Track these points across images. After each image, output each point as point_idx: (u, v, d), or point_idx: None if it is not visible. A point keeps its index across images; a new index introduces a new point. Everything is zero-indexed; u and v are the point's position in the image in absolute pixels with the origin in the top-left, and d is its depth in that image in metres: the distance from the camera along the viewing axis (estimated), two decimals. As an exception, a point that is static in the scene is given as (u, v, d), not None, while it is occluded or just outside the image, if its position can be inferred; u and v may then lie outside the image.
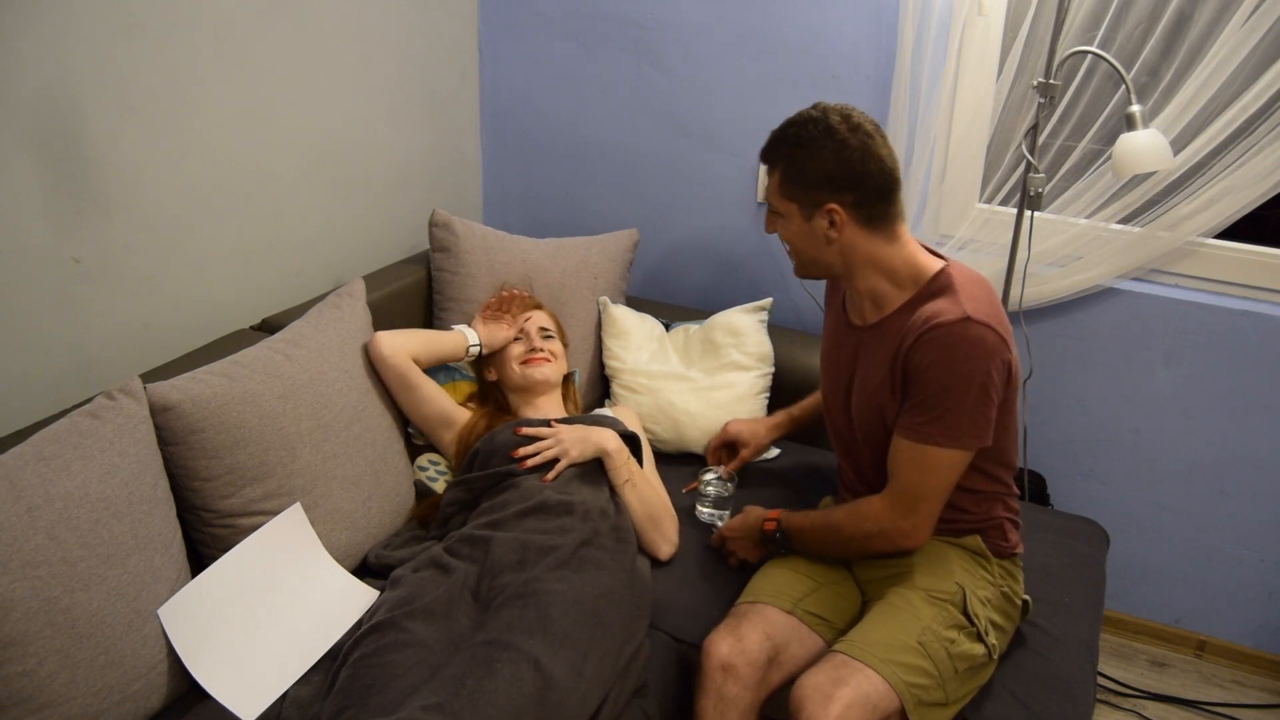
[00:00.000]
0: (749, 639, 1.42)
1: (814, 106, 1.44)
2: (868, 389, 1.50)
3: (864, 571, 1.59)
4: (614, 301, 2.24)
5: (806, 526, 1.57)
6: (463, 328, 1.88)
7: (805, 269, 1.53)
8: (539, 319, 1.91)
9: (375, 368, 1.73)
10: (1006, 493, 1.57)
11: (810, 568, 1.57)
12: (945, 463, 1.40)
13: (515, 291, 2.00)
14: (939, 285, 1.42)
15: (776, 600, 1.50)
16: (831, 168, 1.39)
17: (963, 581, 1.48)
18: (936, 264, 1.46)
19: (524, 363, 1.82)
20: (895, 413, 1.44)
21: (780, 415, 1.94)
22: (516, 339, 1.86)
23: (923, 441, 1.39)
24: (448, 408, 1.78)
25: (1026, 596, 1.57)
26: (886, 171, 1.40)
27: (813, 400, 1.91)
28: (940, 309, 1.37)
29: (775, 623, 1.46)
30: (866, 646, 1.35)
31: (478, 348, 1.86)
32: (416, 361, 1.76)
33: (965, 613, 1.45)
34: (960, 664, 1.40)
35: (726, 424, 1.95)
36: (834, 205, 1.40)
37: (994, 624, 1.49)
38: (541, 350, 1.83)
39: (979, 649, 1.44)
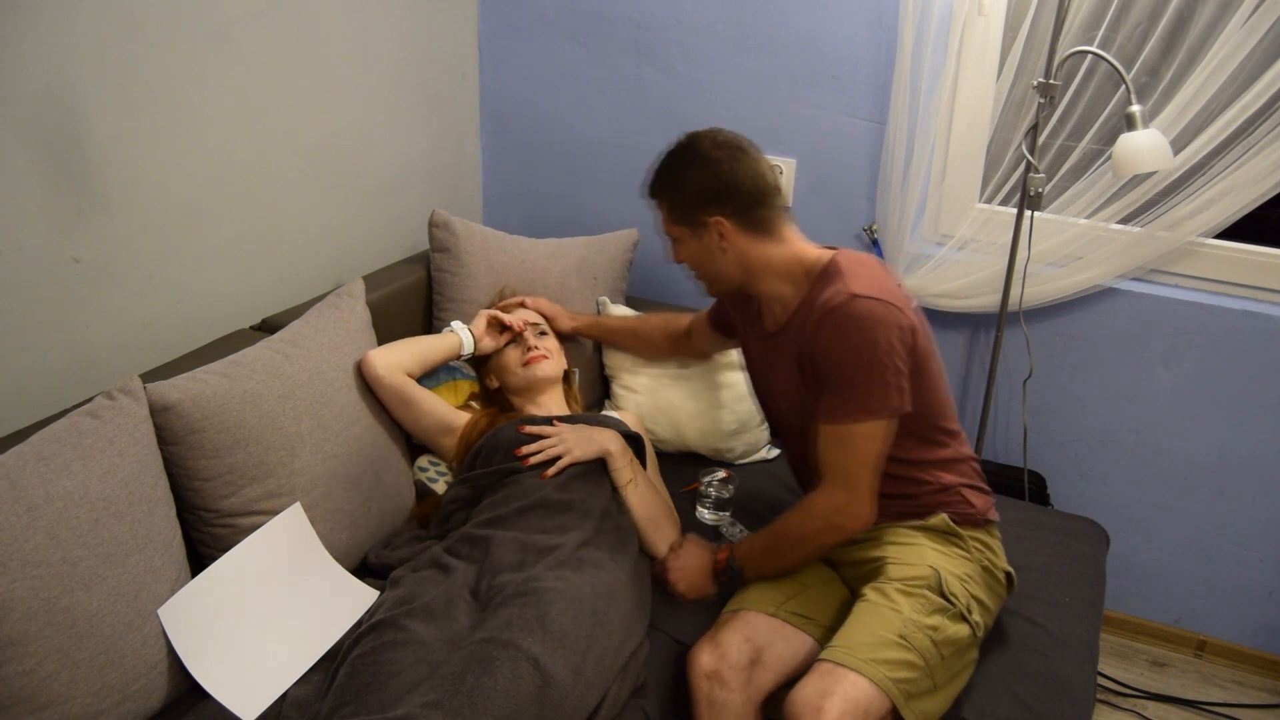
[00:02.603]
0: (727, 644, 1.44)
1: (684, 135, 1.56)
2: (789, 390, 1.56)
3: (845, 569, 1.59)
4: (614, 301, 2.24)
5: (758, 547, 1.57)
6: (460, 327, 1.86)
7: (713, 286, 1.62)
8: (526, 315, 1.91)
9: (370, 388, 1.71)
10: (956, 458, 1.57)
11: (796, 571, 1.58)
12: (867, 435, 1.43)
13: (510, 301, 2.00)
14: (827, 274, 1.49)
15: (759, 606, 1.51)
16: (706, 185, 1.50)
17: (936, 564, 1.47)
18: (825, 255, 1.52)
19: (524, 364, 1.82)
20: (814, 406, 1.48)
21: (590, 317, 2.05)
22: (512, 343, 1.85)
23: (840, 421, 1.43)
24: (446, 416, 1.77)
25: (1009, 568, 1.56)
26: (758, 179, 1.50)
27: (625, 324, 2.03)
28: (830, 294, 1.44)
29: (755, 626, 1.47)
30: (849, 650, 1.36)
31: (471, 353, 1.85)
32: (410, 374, 1.74)
33: (943, 595, 1.44)
34: (946, 649, 1.40)
35: (537, 300, 1.99)
36: (716, 218, 1.50)
37: (978, 600, 1.48)
38: (538, 348, 1.83)
39: (963, 629, 1.43)
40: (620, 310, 2.18)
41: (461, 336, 1.84)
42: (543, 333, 1.89)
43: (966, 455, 1.60)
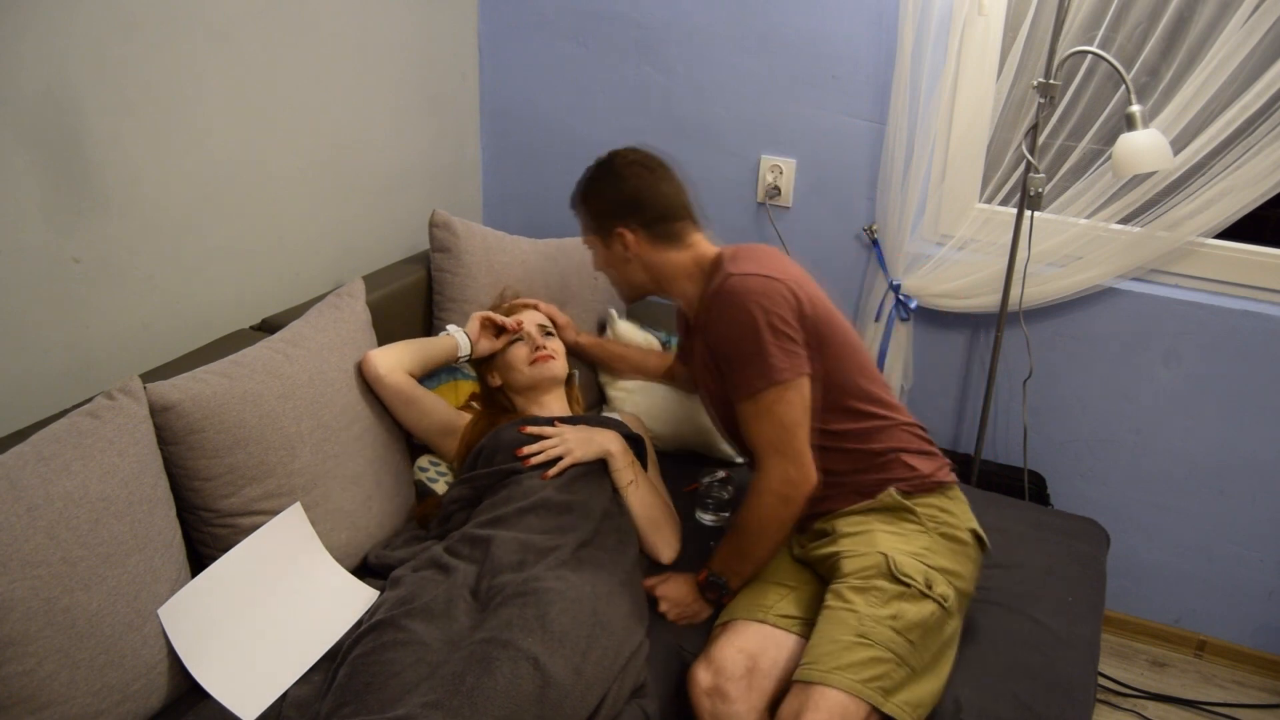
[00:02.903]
0: (721, 657, 1.44)
1: (605, 154, 1.70)
2: (712, 385, 1.62)
3: (815, 568, 1.59)
4: (614, 304, 2.24)
5: (729, 551, 1.57)
6: (455, 330, 1.86)
7: (625, 291, 1.74)
8: (536, 317, 1.91)
9: (371, 387, 1.71)
10: (889, 424, 1.57)
11: (780, 574, 1.59)
12: (781, 402, 1.46)
13: (518, 301, 2.00)
14: (715, 265, 1.60)
15: (747, 614, 1.51)
16: (613, 199, 1.64)
17: (886, 547, 1.47)
18: (713, 251, 1.64)
19: (532, 362, 1.82)
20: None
21: (596, 338, 2.08)
22: (518, 340, 1.85)
23: (751, 396, 1.48)
24: (448, 416, 1.77)
25: (974, 527, 1.55)
26: (665, 199, 1.64)
27: (626, 352, 2.05)
28: (713, 282, 1.55)
29: (746, 634, 1.48)
30: (815, 663, 1.36)
31: (467, 356, 1.86)
32: (411, 374, 1.75)
33: (897, 578, 1.43)
34: (914, 634, 1.39)
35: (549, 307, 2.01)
36: (621, 229, 1.63)
37: (941, 570, 1.46)
38: (545, 347, 1.84)
39: (927, 607, 1.42)
40: (626, 326, 2.18)
41: (458, 339, 1.84)
42: (549, 334, 1.89)
43: (900, 421, 1.60)
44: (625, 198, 1.63)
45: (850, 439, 1.55)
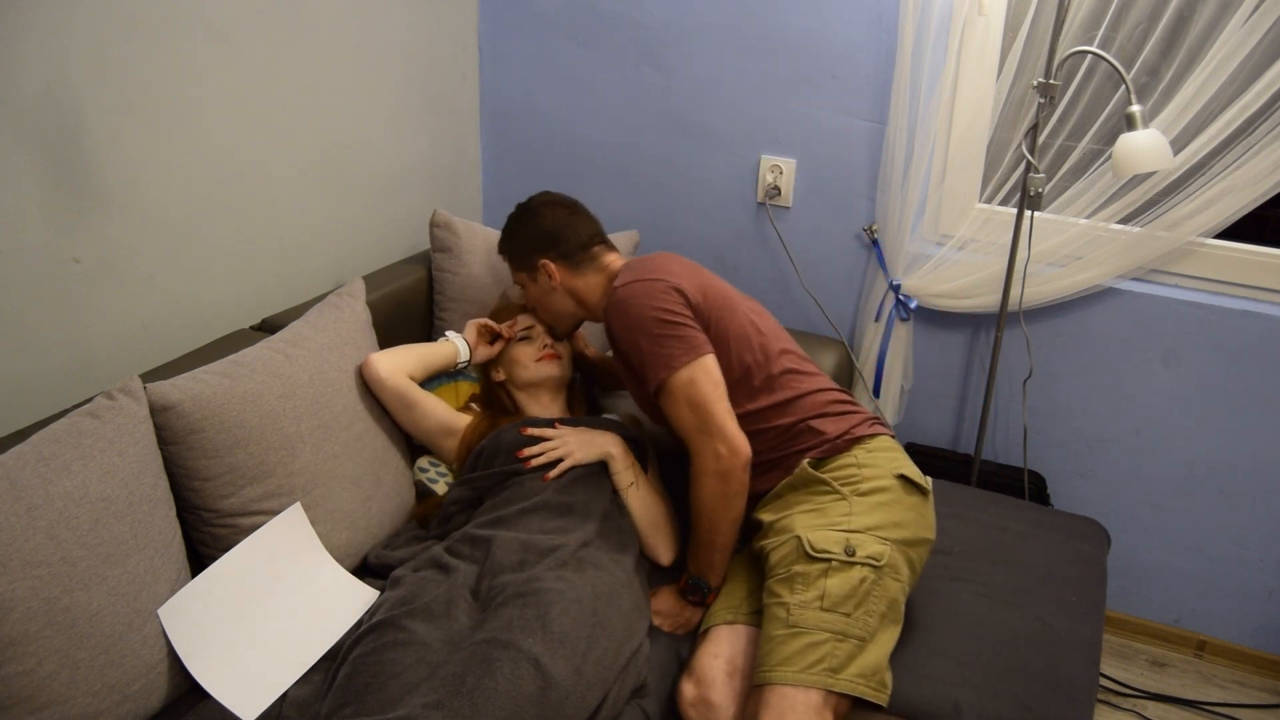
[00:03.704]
0: (702, 667, 1.46)
1: (522, 201, 1.86)
2: (638, 392, 1.68)
3: (761, 548, 1.58)
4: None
5: (694, 547, 1.58)
6: (455, 337, 1.86)
7: (559, 323, 1.85)
8: None
9: (372, 390, 1.71)
10: (796, 395, 1.60)
11: (744, 571, 1.59)
12: (689, 382, 1.52)
13: (519, 305, 2.00)
14: (612, 285, 1.66)
15: (719, 618, 1.53)
16: (531, 236, 1.79)
17: (799, 529, 1.47)
18: (614, 270, 1.74)
19: (538, 360, 1.82)
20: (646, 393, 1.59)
21: (604, 355, 2.09)
22: (524, 338, 1.86)
23: (661, 388, 1.54)
24: (448, 418, 1.76)
25: (902, 472, 1.53)
26: (578, 230, 1.78)
27: (614, 367, 1.99)
28: (606, 299, 1.65)
29: (720, 639, 1.49)
30: (760, 666, 1.38)
31: (466, 363, 1.86)
32: (412, 378, 1.75)
33: (811, 557, 1.42)
34: (845, 606, 1.38)
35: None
36: (543, 261, 1.76)
37: (868, 530, 1.45)
38: (551, 346, 1.84)
39: (856, 573, 1.40)
40: None
41: (457, 345, 1.84)
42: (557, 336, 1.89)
43: (811, 389, 1.61)
44: (544, 233, 1.77)
45: (761, 418, 1.58)
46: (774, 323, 1.72)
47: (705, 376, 1.52)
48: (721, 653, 1.47)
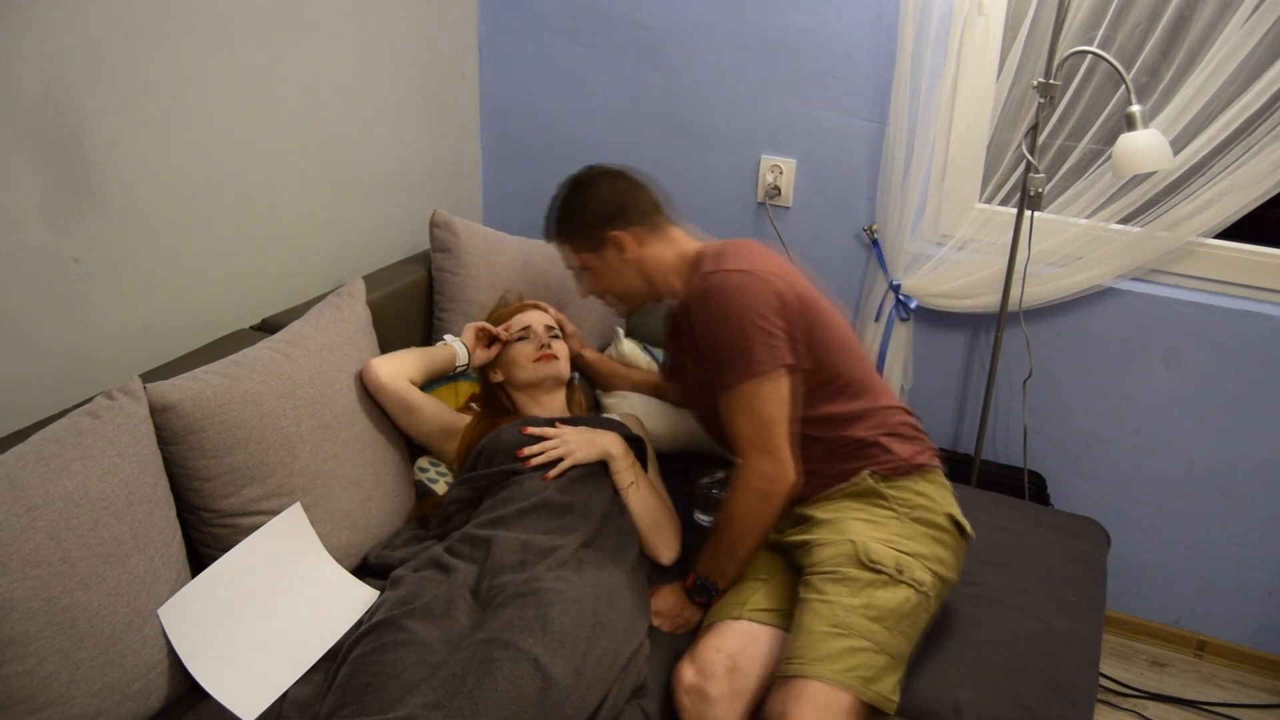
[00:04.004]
0: (703, 657, 1.45)
1: (566, 180, 1.71)
2: (695, 381, 1.65)
3: (791, 554, 1.58)
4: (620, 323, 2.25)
5: (713, 551, 1.57)
6: (453, 341, 1.86)
7: (629, 301, 1.74)
8: (543, 318, 1.91)
9: (373, 395, 1.71)
10: (872, 409, 1.58)
11: (754, 569, 1.59)
12: (762, 395, 1.47)
13: (527, 301, 2.00)
14: (697, 261, 1.62)
15: (725, 613, 1.52)
16: (596, 210, 1.65)
17: (856, 534, 1.47)
18: (696, 246, 1.66)
19: (535, 360, 1.82)
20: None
21: (599, 354, 2.10)
22: (523, 338, 1.86)
23: (732, 388, 1.49)
24: (448, 420, 1.76)
25: (952, 513, 1.55)
26: (645, 197, 1.67)
27: (628, 374, 2.07)
28: (696, 278, 1.57)
29: (725, 634, 1.48)
30: (796, 657, 1.36)
31: (465, 366, 1.86)
32: (412, 382, 1.75)
33: (867, 565, 1.43)
34: (890, 621, 1.39)
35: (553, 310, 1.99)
36: (614, 233, 1.64)
37: (915, 556, 1.46)
38: (549, 346, 1.84)
39: (901, 593, 1.42)
40: (630, 346, 2.19)
41: (456, 349, 1.84)
42: (555, 335, 1.89)
43: (884, 405, 1.61)
44: (609, 203, 1.66)
45: (832, 425, 1.56)
46: (848, 328, 1.67)
47: (776, 393, 1.48)
48: (725, 647, 1.46)
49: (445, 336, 1.88)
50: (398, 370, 1.72)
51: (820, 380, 1.54)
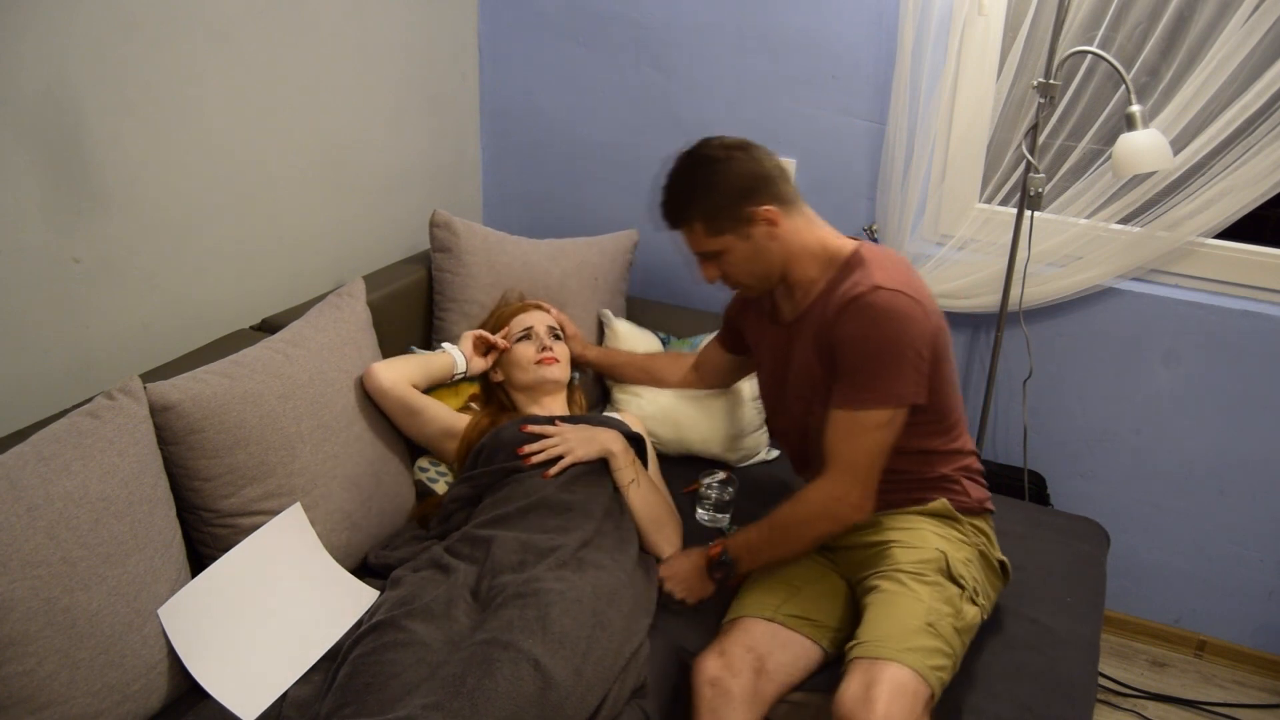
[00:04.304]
0: (732, 653, 1.43)
1: (676, 157, 1.55)
2: (803, 379, 1.55)
3: (846, 565, 1.59)
4: (613, 303, 2.24)
5: (754, 538, 1.56)
6: (451, 349, 1.86)
7: (761, 285, 1.58)
8: (545, 319, 1.91)
9: (375, 400, 1.70)
10: (959, 450, 1.59)
11: (788, 572, 1.58)
12: (877, 424, 1.43)
13: (530, 301, 2.00)
14: (853, 262, 1.50)
15: (757, 611, 1.51)
16: (737, 183, 1.48)
17: (942, 547, 1.48)
18: (849, 244, 1.54)
19: (536, 362, 1.82)
20: (828, 393, 1.48)
21: (602, 349, 2.05)
22: (524, 339, 1.85)
23: (856, 408, 1.44)
24: (450, 421, 1.76)
25: (1003, 558, 1.58)
26: (772, 162, 1.52)
27: (634, 359, 2.01)
28: (855, 281, 1.45)
29: (756, 634, 1.47)
30: (882, 643, 1.36)
31: (463, 374, 1.85)
32: (414, 385, 1.75)
33: (951, 578, 1.45)
34: (965, 635, 1.42)
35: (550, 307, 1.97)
36: (764, 208, 1.47)
37: (979, 584, 1.49)
38: (551, 349, 1.84)
39: (973, 611, 1.45)
40: (624, 326, 2.19)
41: (455, 356, 1.84)
42: (557, 337, 1.89)
43: (969, 449, 1.62)
44: (750, 174, 1.48)
45: (924, 457, 1.55)
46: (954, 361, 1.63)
47: (890, 429, 1.44)
48: (756, 648, 1.44)
49: (444, 345, 1.88)
50: (399, 375, 1.72)
51: (926, 417, 1.50)
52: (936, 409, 1.51)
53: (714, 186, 1.48)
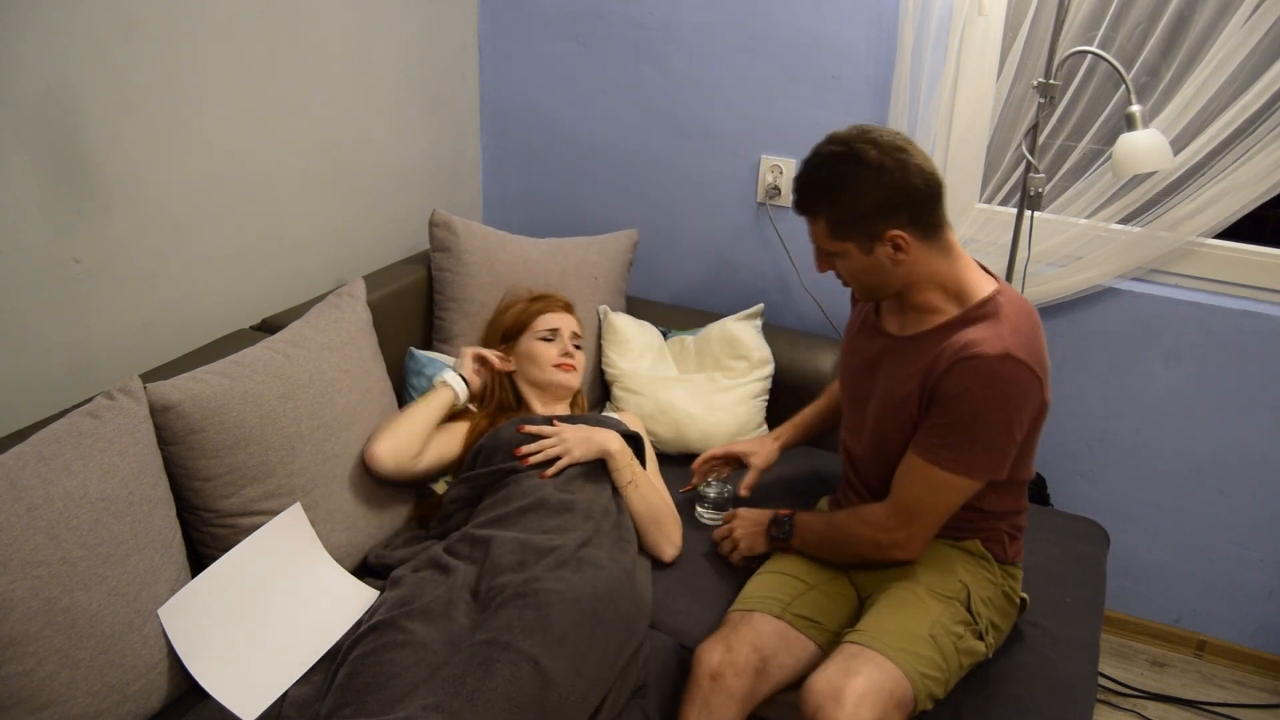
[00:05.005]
0: (738, 650, 1.42)
1: (830, 140, 1.39)
2: (892, 399, 1.46)
3: (863, 578, 1.59)
4: (614, 302, 2.24)
5: (812, 524, 1.59)
6: (452, 379, 1.78)
7: (869, 294, 1.49)
8: (572, 325, 1.91)
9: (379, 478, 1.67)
10: (1012, 510, 1.56)
11: (801, 569, 1.57)
12: (953, 487, 1.41)
13: (558, 295, 1.98)
14: (985, 310, 1.39)
15: (766, 606, 1.50)
16: (879, 197, 1.34)
17: (966, 580, 1.49)
18: (988, 287, 1.42)
19: (555, 365, 1.82)
20: (914, 427, 1.43)
21: (783, 428, 1.87)
22: (547, 339, 1.85)
23: (935, 463, 1.39)
24: (451, 451, 1.74)
25: (1024, 595, 1.59)
26: (929, 178, 1.36)
27: (815, 408, 1.88)
28: (981, 337, 1.34)
29: (764, 633, 1.46)
30: (878, 635, 1.36)
31: (465, 403, 1.81)
32: (417, 455, 1.68)
33: (969, 610, 1.46)
34: (965, 659, 1.42)
35: (730, 444, 1.87)
36: (894, 231, 1.35)
37: (993, 624, 1.50)
38: (572, 356, 1.84)
39: (979, 646, 1.45)
40: (620, 318, 2.19)
41: (455, 388, 1.78)
42: (578, 345, 1.89)
43: (1021, 508, 1.58)
44: (894, 192, 1.33)
45: (978, 513, 1.51)
46: None
47: (962, 494, 1.42)
48: (761, 649, 1.43)
49: (444, 375, 1.80)
50: (404, 450, 1.65)
51: (997, 482, 1.45)
52: (1011, 477, 1.46)
53: (852, 192, 1.35)
